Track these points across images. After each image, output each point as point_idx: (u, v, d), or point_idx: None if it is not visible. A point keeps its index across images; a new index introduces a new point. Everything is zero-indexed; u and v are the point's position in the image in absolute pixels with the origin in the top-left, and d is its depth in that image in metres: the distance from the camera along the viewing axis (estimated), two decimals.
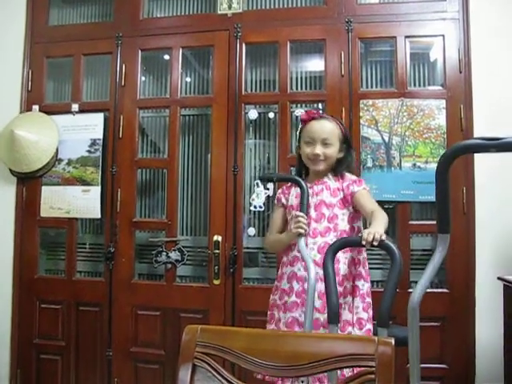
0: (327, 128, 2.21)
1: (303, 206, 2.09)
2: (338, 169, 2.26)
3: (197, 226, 3.29)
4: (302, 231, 2.04)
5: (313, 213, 2.17)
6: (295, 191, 2.27)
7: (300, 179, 2.17)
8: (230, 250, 3.02)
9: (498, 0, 2.92)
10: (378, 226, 1.87)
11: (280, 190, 2.39)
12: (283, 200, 2.32)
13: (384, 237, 1.80)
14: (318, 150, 2.18)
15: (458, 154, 1.46)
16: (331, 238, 2.11)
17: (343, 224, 2.17)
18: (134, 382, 3.12)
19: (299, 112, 2.95)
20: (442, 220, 1.56)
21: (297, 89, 3.20)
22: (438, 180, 1.52)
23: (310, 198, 2.17)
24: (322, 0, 3.14)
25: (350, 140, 2.35)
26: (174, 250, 3.09)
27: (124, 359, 3.13)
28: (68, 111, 3.30)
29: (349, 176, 2.26)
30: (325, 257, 1.89)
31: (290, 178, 2.42)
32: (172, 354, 3.02)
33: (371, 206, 2.12)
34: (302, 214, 2.06)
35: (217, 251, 3.02)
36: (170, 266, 3.11)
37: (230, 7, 3.18)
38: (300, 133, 2.31)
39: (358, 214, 2.22)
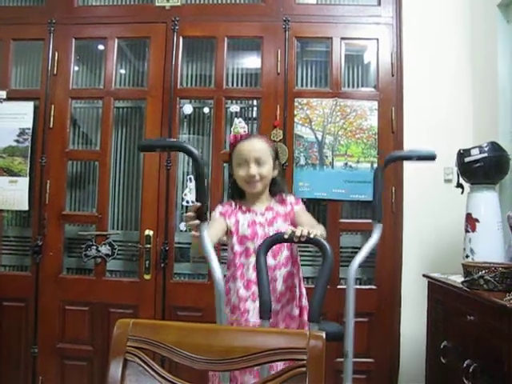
0: (258, 146, 2.09)
1: (201, 182, 1.78)
2: (274, 189, 2.18)
3: (128, 221, 3.24)
4: (195, 223, 1.76)
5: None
6: (245, 219, 2.09)
7: (187, 145, 1.79)
8: (161, 244, 2.99)
9: (430, 8, 3.03)
10: (313, 227, 1.87)
11: (221, 206, 2.15)
12: (228, 221, 2.09)
13: (313, 234, 1.80)
14: (253, 170, 2.04)
15: (390, 162, 1.98)
16: (291, 267, 2.08)
17: (296, 250, 2.13)
18: (60, 380, 3.04)
19: (234, 108, 2.95)
20: (377, 211, 1.94)
21: (233, 85, 3.21)
22: (375, 179, 1.92)
23: (264, 227, 2.07)
24: None
25: (279, 155, 2.26)
26: (105, 244, 3.03)
27: (50, 356, 3.04)
28: None
29: (288, 199, 2.18)
30: (257, 254, 1.86)
31: (175, 144, 2.14)
32: (101, 350, 2.96)
33: (310, 221, 2.09)
34: (188, 214, 1.79)
35: (148, 246, 2.99)
36: (99, 260, 3.05)
37: (168, 0, 3.15)
38: (230, 156, 2.17)
39: None
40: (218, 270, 1.76)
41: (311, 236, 1.78)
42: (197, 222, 1.75)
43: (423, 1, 3.05)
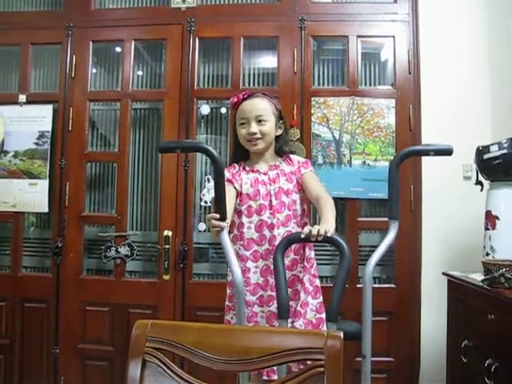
0: (260, 105, 2.10)
1: (219, 185, 1.81)
2: (278, 147, 2.16)
3: (147, 221, 3.25)
4: (218, 229, 1.82)
5: (274, 201, 2.07)
6: (248, 178, 2.11)
7: (207, 147, 1.84)
8: (180, 245, 3.01)
9: (446, 5, 3.01)
10: (328, 221, 1.85)
11: (226, 171, 2.08)
12: (236, 184, 2.11)
13: (330, 233, 1.78)
14: (254, 128, 2.05)
15: (406, 157, 1.93)
16: (292, 226, 2.06)
17: (300, 209, 2.11)
18: (81, 380, 3.07)
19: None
20: (393, 208, 1.91)
21: (249, 85, 3.21)
22: (390, 175, 1.90)
23: (266, 185, 2.08)
24: None
25: (283, 115, 2.22)
26: (124, 245, 3.05)
27: (71, 356, 3.07)
28: (15, 102, 3.20)
29: (296, 158, 2.18)
30: (275, 253, 1.87)
31: (194, 145, 2.20)
32: (121, 351, 2.99)
33: (318, 189, 2.06)
34: (211, 215, 1.83)
35: (167, 246, 3.00)
36: (119, 261, 3.07)
37: (183, 1, 3.16)
38: (234, 118, 2.18)
39: (306, 196, 2.14)
40: (238, 273, 1.79)
41: (328, 235, 1.77)
42: (224, 224, 1.80)
43: None
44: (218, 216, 1.79)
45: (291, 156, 2.18)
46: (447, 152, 1.90)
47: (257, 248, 2.05)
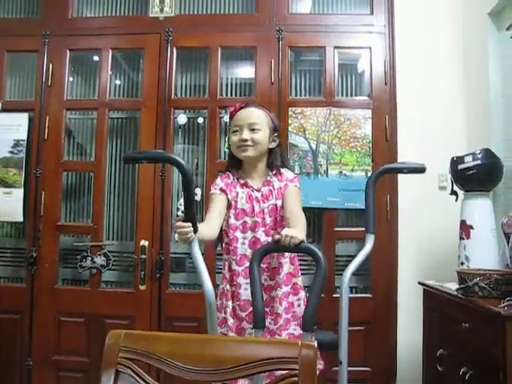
0: (254, 114, 2.08)
1: (189, 195, 1.74)
2: (271, 160, 2.12)
3: (123, 231, 3.24)
4: (187, 237, 1.74)
5: (268, 219, 2.05)
6: (243, 193, 2.08)
7: (178, 158, 1.74)
8: (156, 255, 2.99)
9: (422, 17, 3.06)
10: (296, 230, 1.82)
11: (220, 180, 2.11)
12: (229, 196, 2.06)
13: (299, 239, 1.75)
14: (245, 134, 2.02)
15: (381, 174, 2.09)
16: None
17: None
18: None
19: (228, 118, 2.95)
20: (369, 223, 2.00)
21: (227, 95, 3.22)
22: (367, 191, 1.99)
23: (260, 203, 2.06)
24: (254, 8, 3.17)
25: (280, 130, 2.21)
26: (100, 255, 3.02)
27: (45, 368, 3.02)
28: None
29: (285, 174, 2.12)
30: (250, 262, 1.85)
31: (160, 156, 2.16)
32: (96, 362, 2.89)
33: (295, 206, 2.03)
34: (179, 224, 1.75)
35: (143, 256, 2.98)
36: (95, 271, 3.04)
37: (161, 10, 3.16)
38: (230, 127, 2.15)
39: None
40: (208, 283, 1.77)
41: (297, 241, 1.75)
42: (191, 235, 1.74)
43: (415, 10, 3.07)
44: (187, 224, 1.73)
45: (282, 170, 2.14)
46: (420, 170, 2.02)
47: (248, 264, 2.01)
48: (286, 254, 2.06)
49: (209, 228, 1.93)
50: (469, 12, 2.99)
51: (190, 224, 1.73)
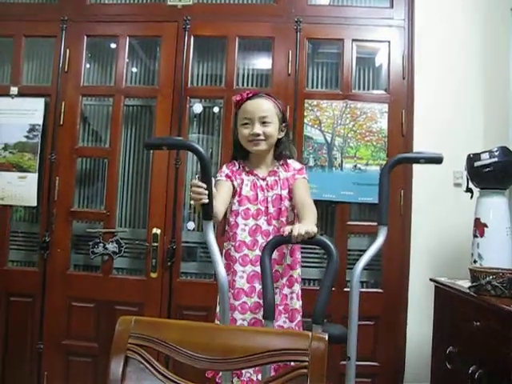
0: (264, 106, 2.06)
1: (208, 178, 1.77)
2: (279, 151, 2.14)
3: (136, 218, 3.25)
4: (200, 197, 1.74)
5: (271, 208, 2.06)
6: (248, 180, 2.09)
7: (194, 144, 1.81)
8: (168, 243, 2.99)
9: (442, 12, 3.01)
10: (308, 223, 1.81)
11: (226, 167, 2.13)
12: (234, 182, 2.08)
13: (312, 233, 1.74)
14: (258, 129, 2.02)
15: (397, 163, 1.93)
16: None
17: (291, 216, 2.09)
18: (64, 376, 3.05)
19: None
20: (382, 214, 1.91)
21: (243, 85, 3.20)
22: (381, 181, 1.89)
23: (264, 191, 2.06)
24: None
25: (287, 119, 2.20)
26: (112, 242, 3.03)
27: (55, 352, 3.05)
28: (6, 94, 3.17)
29: (292, 164, 2.14)
30: (262, 254, 1.85)
31: (181, 143, 2.18)
32: (106, 347, 2.94)
33: (305, 197, 2.02)
34: (195, 182, 1.77)
35: (155, 244, 2.99)
36: (106, 257, 3.05)
37: None
38: (235, 116, 2.15)
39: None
40: (222, 271, 1.78)
41: (311, 235, 1.74)
42: (205, 197, 1.74)
43: (435, 4, 3.03)
44: (203, 185, 1.74)
45: (289, 161, 2.15)
46: (437, 160, 1.91)
47: (247, 252, 2.03)
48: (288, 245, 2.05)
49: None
50: (490, 7, 2.94)
51: (205, 186, 1.74)
